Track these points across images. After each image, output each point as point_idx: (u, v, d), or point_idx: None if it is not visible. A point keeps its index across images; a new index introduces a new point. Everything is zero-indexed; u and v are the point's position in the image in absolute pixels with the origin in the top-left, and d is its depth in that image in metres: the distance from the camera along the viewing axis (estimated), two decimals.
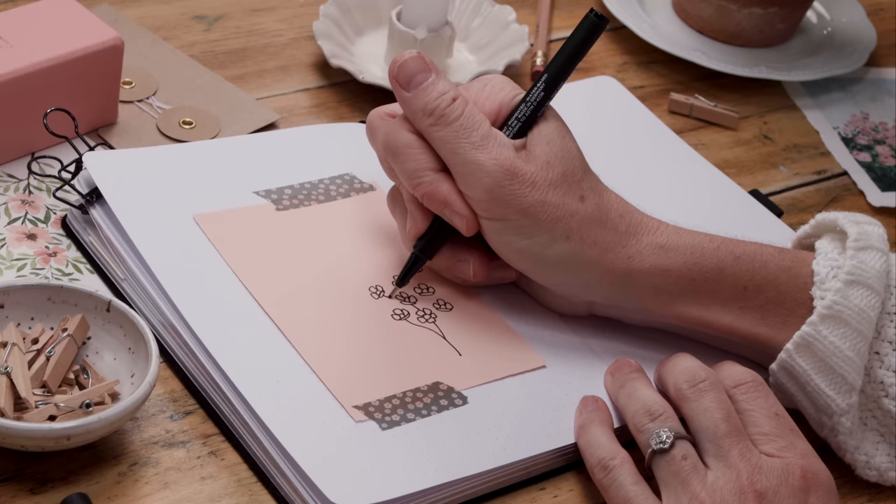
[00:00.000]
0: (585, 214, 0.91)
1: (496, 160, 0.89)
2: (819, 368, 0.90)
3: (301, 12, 1.24)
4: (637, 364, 0.92)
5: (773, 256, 0.93)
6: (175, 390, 0.90)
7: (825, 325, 0.89)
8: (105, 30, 1.03)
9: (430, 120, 0.91)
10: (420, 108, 0.91)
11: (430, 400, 0.89)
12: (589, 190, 0.91)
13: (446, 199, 0.91)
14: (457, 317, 0.95)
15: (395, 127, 0.93)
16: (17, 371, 0.84)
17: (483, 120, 0.91)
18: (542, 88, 0.92)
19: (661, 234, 0.92)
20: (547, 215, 0.90)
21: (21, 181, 1.01)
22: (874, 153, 1.22)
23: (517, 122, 0.92)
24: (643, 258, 0.91)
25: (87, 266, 0.96)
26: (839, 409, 0.90)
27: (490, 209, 0.90)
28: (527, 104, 0.92)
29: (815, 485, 0.84)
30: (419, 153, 0.92)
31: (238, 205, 0.98)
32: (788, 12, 1.28)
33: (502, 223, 0.91)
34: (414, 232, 0.94)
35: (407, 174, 0.92)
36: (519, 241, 0.91)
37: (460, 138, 0.90)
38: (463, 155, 0.90)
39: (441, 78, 0.92)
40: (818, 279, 0.91)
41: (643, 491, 0.84)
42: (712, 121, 1.22)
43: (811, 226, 0.96)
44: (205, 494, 0.85)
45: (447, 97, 0.91)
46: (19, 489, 0.83)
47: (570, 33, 0.94)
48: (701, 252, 0.92)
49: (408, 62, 0.92)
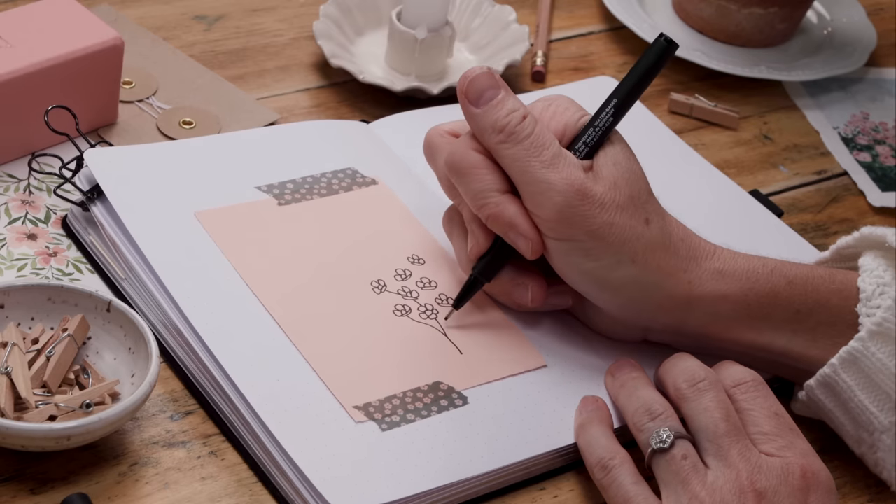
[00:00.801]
0: (651, 238, 0.90)
1: (567, 179, 0.88)
2: (864, 385, 0.89)
3: (301, 12, 1.24)
4: (637, 364, 0.92)
5: (824, 280, 0.92)
6: (175, 390, 0.90)
7: (874, 342, 0.89)
8: (105, 30, 1.03)
9: (500, 137, 0.90)
10: (490, 124, 0.90)
11: (430, 400, 0.89)
12: (653, 213, 0.90)
13: (512, 221, 0.90)
14: (458, 313, 0.95)
15: (461, 146, 0.91)
16: (17, 371, 0.84)
17: (553, 139, 0.90)
18: (611, 113, 0.91)
19: (719, 258, 0.91)
20: (615, 237, 0.89)
21: (21, 181, 1.01)
22: (874, 153, 1.22)
23: (585, 146, 0.91)
24: (703, 284, 0.91)
25: (88, 266, 0.96)
26: (881, 427, 0.89)
27: (558, 229, 0.89)
28: (595, 129, 0.91)
29: (815, 484, 0.84)
30: (486, 173, 0.90)
31: (240, 199, 0.98)
32: (788, 12, 1.28)
33: (570, 244, 0.90)
34: (475, 252, 0.93)
35: (472, 194, 0.91)
36: (585, 263, 0.90)
37: (531, 156, 0.89)
38: (533, 173, 0.89)
39: (511, 95, 0.91)
40: (864, 296, 0.90)
41: (643, 491, 0.84)
42: (712, 121, 1.22)
43: (854, 238, 0.95)
44: (205, 494, 0.85)
45: (517, 114, 0.90)
46: (19, 489, 0.83)
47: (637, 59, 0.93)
48: (756, 277, 0.91)
49: (478, 78, 0.91)
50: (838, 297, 0.92)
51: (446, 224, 0.96)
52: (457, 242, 0.95)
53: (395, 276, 0.96)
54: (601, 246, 0.89)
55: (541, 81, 1.22)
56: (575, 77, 1.23)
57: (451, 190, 0.93)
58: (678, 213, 0.94)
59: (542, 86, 1.21)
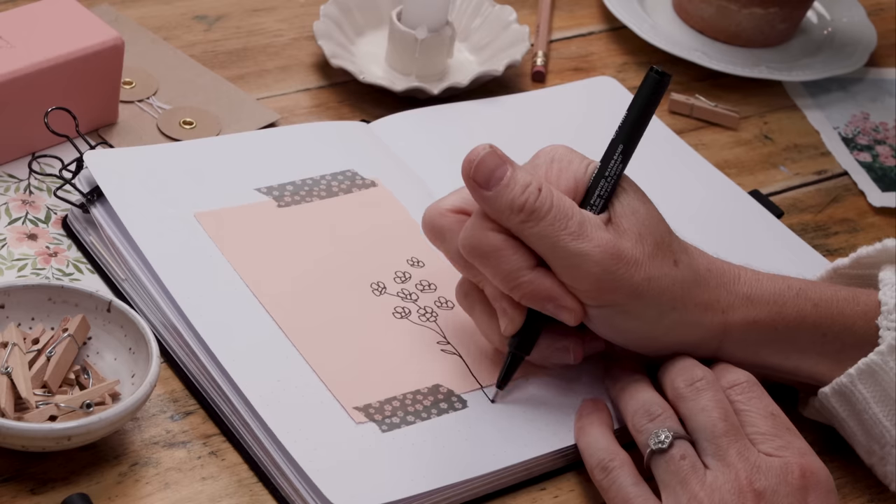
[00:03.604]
0: (684, 279, 0.87)
1: (601, 247, 0.85)
2: (880, 398, 0.89)
3: (301, 12, 1.24)
4: (638, 365, 0.92)
5: (849, 302, 0.91)
6: (176, 390, 0.90)
7: (893, 357, 0.88)
8: (105, 30, 1.03)
9: (520, 217, 0.85)
10: (506, 206, 0.85)
11: (430, 403, 0.89)
12: (679, 252, 0.88)
13: (550, 295, 0.86)
14: (458, 315, 0.95)
15: (477, 229, 0.87)
16: (17, 371, 0.84)
17: (572, 205, 0.86)
18: (619, 161, 0.87)
19: (745, 283, 0.90)
20: (653, 290, 0.86)
21: (21, 181, 1.01)
22: (874, 153, 1.22)
23: (600, 199, 0.87)
24: (734, 311, 0.89)
25: (88, 266, 0.96)
26: (892, 440, 0.89)
27: (600, 297, 0.86)
28: (607, 179, 0.87)
29: (814, 483, 0.84)
30: (512, 254, 0.86)
31: (239, 202, 0.98)
32: (789, 12, 1.28)
33: (611, 309, 0.87)
34: (511, 331, 0.89)
35: (502, 276, 0.86)
36: (629, 323, 0.87)
37: (558, 231, 0.85)
38: (565, 248, 0.85)
39: (518, 169, 0.86)
40: (885, 309, 0.89)
41: (643, 492, 0.84)
42: (712, 121, 1.22)
43: (876, 249, 0.93)
44: (205, 495, 0.85)
45: (533, 189, 0.85)
46: (20, 489, 0.83)
47: (633, 95, 0.89)
48: (783, 301, 0.90)
49: (484, 160, 0.86)
50: (863, 319, 0.90)
51: (462, 299, 0.91)
52: (480, 318, 0.91)
53: (395, 279, 0.96)
54: (643, 303, 0.86)
55: (541, 81, 1.22)
56: (575, 77, 1.23)
57: (469, 269, 0.89)
58: (678, 215, 0.94)
59: (543, 86, 1.21)
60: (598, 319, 0.88)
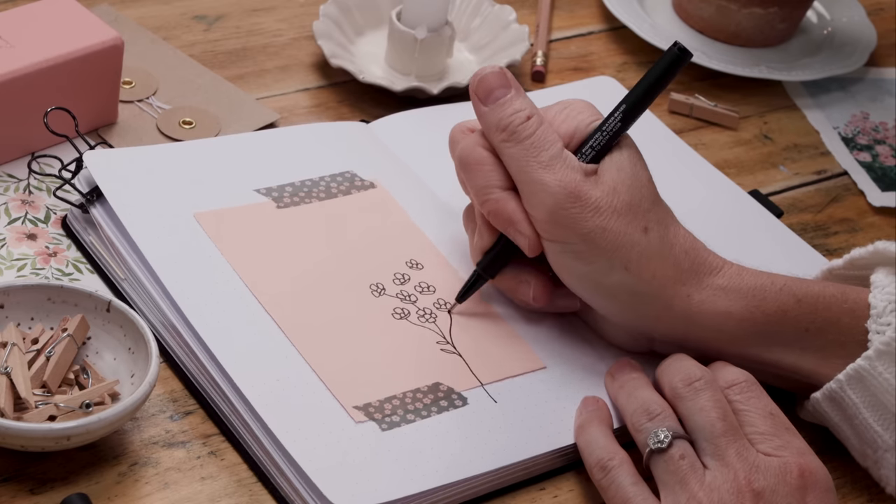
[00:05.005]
0: (647, 246, 0.89)
1: (561, 182, 0.89)
2: (870, 403, 0.89)
3: (301, 12, 1.24)
4: (638, 365, 0.92)
5: (836, 299, 0.91)
6: (175, 390, 0.90)
7: (881, 362, 0.88)
8: (105, 30, 1.03)
9: (502, 136, 0.91)
10: (494, 123, 0.91)
11: (429, 401, 0.89)
12: (655, 222, 0.90)
13: (511, 218, 0.91)
14: (457, 316, 0.95)
15: (470, 142, 0.93)
16: (17, 371, 0.84)
17: (556, 141, 0.91)
18: (619, 119, 0.91)
19: (724, 275, 0.91)
20: (607, 242, 0.89)
21: (21, 181, 1.01)
22: (874, 153, 1.22)
23: (591, 150, 0.91)
24: (703, 299, 0.90)
25: (88, 266, 0.96)
26: (885, 445, 0.89)
27: (551, 231, 0.90)
28: (602, 133, 0.91)
29: (813, 483, 0.84)
30: (490, 170, 0.92)
31: (239, 203, 0.98)
32: (788, 12, 1.29)
33: (562, 245, 0.90)
34: (479, 247, 0.94)
35: (476, 189, 0.92)
36: (578, 267, 0.90)
37: (529, 157, 0.90)
38: (530, 173, 0.90)
39: (520, 96, 0.92)
40: (875, 312, 0.90)
41: (642, 491, 0.84)
42: (712, 121, 1.22)
43: (868, 251, 0.93)
44: (205, 494, 0.85)
45: (522, 114, 0.91)
46: (19, 489, 0.83)
47: (649, 67, 0.93)
48: (763, 295, 0.91)
49: (488, 77, 0.92)
50: (850, 316, 0.90)
51: (465, 219, 0.97)
52: (470, 237, 0.96)
53: (394, 280, 0.96)
54: (592, 250, 0.89)
55: (541, 81, 1.22)
56: (575, 77, 1.23)
57: (464, 185, 0.94)
58: (677, 214, 0.94)
59: (542, 85, 1.21)
60: (552, 254, 0.91)
